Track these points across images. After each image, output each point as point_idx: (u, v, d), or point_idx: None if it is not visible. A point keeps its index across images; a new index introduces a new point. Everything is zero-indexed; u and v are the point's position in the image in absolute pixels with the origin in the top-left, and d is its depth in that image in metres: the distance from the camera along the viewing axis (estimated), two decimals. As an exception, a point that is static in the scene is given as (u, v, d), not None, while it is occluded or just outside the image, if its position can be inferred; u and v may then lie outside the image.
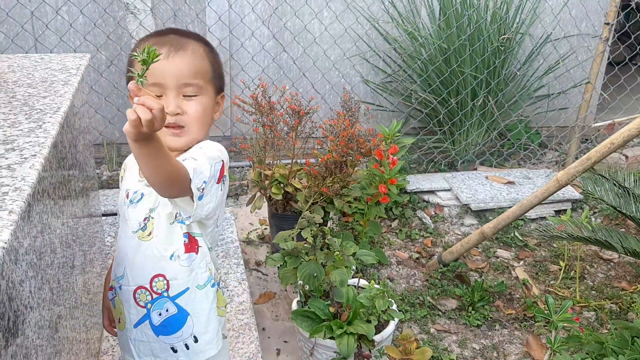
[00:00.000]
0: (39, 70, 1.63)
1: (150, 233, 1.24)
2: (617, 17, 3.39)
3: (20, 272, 0.96)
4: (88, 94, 3.26)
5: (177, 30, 1.26)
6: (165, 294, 1.26)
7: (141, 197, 1.25)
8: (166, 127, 1.17)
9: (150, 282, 1.26)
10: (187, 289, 1.26)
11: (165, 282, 1.25)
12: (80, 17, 3.18)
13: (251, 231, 2.87)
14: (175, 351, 1.30)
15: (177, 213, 1.23)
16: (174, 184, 1.08)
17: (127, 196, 1.27)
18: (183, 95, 1.20)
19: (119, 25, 3.19)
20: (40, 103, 1.36)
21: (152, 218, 1.24)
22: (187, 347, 1.30)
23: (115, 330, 1.40)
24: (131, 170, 1.30)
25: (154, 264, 1.24)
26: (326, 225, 2.48)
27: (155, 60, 0.90)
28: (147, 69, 0.90)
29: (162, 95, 1.18)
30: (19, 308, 0.96)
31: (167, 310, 1.27)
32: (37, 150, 1.10)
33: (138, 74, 0.90)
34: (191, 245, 1.25)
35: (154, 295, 1.26)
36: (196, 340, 1.30)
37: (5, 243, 0.83)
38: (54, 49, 3.20)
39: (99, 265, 1.97)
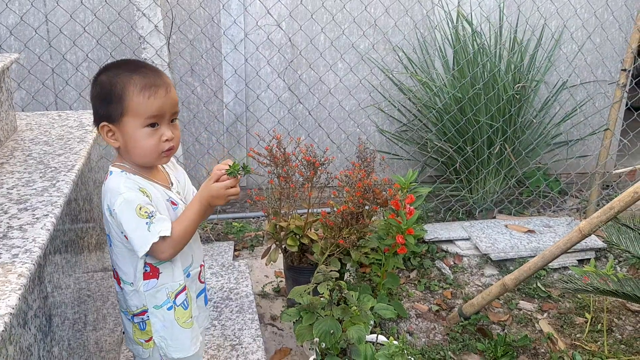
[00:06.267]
0: (55, 128, 1.65)
1: None
2: (634, 62, 3.38)
3: (28, 337, 0.94)
4: (105, 147, 3.29)
5: (145, 64, 1.41)
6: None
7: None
8: (165, 151, 1.38)
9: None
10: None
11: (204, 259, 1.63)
12: (99, 73, 3.24)
13: (266, 284, 2.83)
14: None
15: None
16: None
17: (174, 203, 1.46)
18: (170, 121, 1.39)
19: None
20: (55, 161, 1.36)
21: None
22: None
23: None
24: (156, 192, 1.42)
25: (199, 245, 1.58)
26: (343, 277, 2.44)
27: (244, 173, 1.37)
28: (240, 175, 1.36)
29: (155, 125, 1.35)
30: (26, 374, 0.93)
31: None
32: (50, 210, 1.10)
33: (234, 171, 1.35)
34: None
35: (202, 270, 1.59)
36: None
37: (13, 309, 0.81)
38: (73, 104, 3.26)
39: (112, 322, 1.94)
